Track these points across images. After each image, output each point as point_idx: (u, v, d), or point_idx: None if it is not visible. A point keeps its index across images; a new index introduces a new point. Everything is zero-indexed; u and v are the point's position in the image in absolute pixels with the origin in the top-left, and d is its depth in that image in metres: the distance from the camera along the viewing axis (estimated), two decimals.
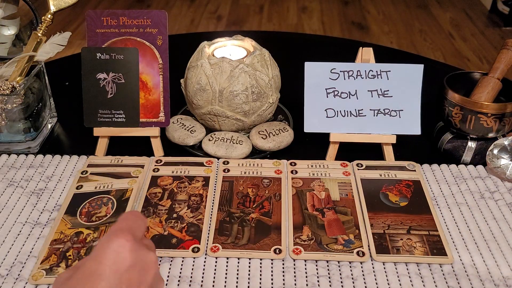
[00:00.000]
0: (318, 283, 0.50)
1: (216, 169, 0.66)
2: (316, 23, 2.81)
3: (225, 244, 0.54)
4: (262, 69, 0.67)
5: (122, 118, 0.67)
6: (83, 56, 0.66)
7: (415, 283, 0.50)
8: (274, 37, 1.22)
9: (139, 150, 0.69)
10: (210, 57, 0.67)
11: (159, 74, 0.67)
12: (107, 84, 0.66)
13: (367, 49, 0.69)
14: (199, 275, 0.51)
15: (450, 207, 0.60)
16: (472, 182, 0.64)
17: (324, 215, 0.58)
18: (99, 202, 0.60)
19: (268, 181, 0.63)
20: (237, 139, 0.69)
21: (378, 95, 0.67)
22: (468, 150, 0.67)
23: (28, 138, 0.69)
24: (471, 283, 0.50)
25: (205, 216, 0.58)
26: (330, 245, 0.54)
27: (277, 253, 0.53)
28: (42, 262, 0.52)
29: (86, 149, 0.70)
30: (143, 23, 0.66)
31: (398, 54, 1.17)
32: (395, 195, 0.61)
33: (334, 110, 0.67)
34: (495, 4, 2.84)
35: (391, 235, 0.55)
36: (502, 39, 2.52)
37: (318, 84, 0.67)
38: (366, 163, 0.67)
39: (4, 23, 0.72)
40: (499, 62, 0.67)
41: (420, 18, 2.87)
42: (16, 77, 0.68)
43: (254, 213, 0.58)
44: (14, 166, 0.67)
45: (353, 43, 1.30)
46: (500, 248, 0.54)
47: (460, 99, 0.65)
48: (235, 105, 0.67)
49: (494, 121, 0.64)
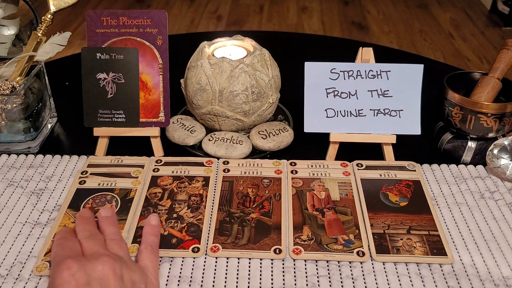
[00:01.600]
0: (318, 283, 0.50)
1: (216, 169, 0.66)
2: (316, 23, 2.81)
3: (225, 244, 0.54)
4: (262, 69, 0.67)
5: (122, 118, 0.67)
6: (83, 56, 0.66)
7: (415, 283, 0.50)
8: (274, 37, 1.22)
9: (139, 150, 0.69)
10: (210, 57, 0.67)
11: (159, 74, 0.67)
12: (107, 84, 0.66)
13: (367, 49, 0.69)
14: (199, 275, 0.51)
15: (450, 207, 0.60)
16: (472, 182, 0.64)
17: (324, 215, 0.58)
18: (103, 199, 0.60)
19: (268, 181, 0.63)
20: (237, 139, 0.69)
21: (378, 95, 0.67)
22: (468, 150, 0.67)
23: (28, 138, 0.69)
24: (471, 283, 0.50)
25: (205, 216, 0.58)
26: (330, 245, 0.54)
27: (277, 253, 0.53)
28: (45, 254, 0.52)
29: (86, 149, 0.70)
30: (143, 23, 0.66)
31: (398, 54, 1.17)
32: (395, 195, 0.61)
33: (334, 110, 0.67)
34: (495, 4, 2.85)
35: (391, 235, 0.55)
36: (502, 39, 2.52)
37: (318, 84, 0.67)
38: (366, 163, 0.67)
39: (4, 23, 0.72)
40: (499, 62, 0.67)
41: (420, 18, 2.87)
42: (16, 77, 0.68)
43: (254, 213, 0.58)
44: (14, 166, 0.67)
45: (353, 43, 1.30)
46: (500, 248, 0.54)
47: (460, 99, 0.65)
48: (235, 105, 0.67)
49: (494, 121, 0.64)
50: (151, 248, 0.50)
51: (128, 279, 0.44)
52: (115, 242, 0.49)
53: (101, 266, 0.43)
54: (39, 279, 0.50)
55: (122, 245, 0.49)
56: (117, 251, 0.47)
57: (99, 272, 0.43)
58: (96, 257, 0.44)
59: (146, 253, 0.50)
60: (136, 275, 0.45)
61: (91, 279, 0.42)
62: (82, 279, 0.42)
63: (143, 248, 0.50)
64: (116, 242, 0.49)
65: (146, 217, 0.57)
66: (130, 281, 0.44)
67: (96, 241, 0.48)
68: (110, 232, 0.50)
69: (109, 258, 0.44)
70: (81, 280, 0.41)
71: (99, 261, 0.43)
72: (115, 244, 0.48)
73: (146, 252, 0.50)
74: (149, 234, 0.52)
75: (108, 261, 0.44)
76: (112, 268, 0.43)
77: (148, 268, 0.48)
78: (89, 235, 0.49)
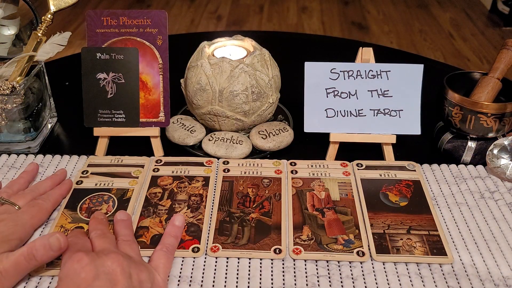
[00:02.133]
0: (318, 283, 0.50)
1: (216, 169, 0.66)
2: (316, 23, 2.81)
3: (225, 244, 0.54)
4: (262, 69, 0.67)
5: (122, 118, 0.67)
6: (83, 56, 0.66)
7: (415, 283, 0.50)
8: (274, 37, 1.22)
9: (139, 150, 0.69)
10: (210, 57, 0.67)
11: (159, 74, 0.67)
12: (107, 84, 0.66)
13: (367, 49, 0.69)
14: (199, 275, 0.51)
15: (450, 207, 0.60)
16: (472, 182, 0.64)
17: (324, 215, 0.58)
18: (100, 199, 0.60)
19: (268, 181, 0.63)
20: (237, 139, 0.69)
21: (378, 95, 0.67)
22: (468, 150, 0.67)
23: (28, 138, 0.69)
24: (471, 283, 0.50)
25: (205, 216, 0.58)
26: (330, 245, 0.54)
27: (277, 253, 0.53)
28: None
29: (86, 149, 0.70)
30: (143, 23, 0.66)
31: (398, 54, 1.17)
32: (395, 195, 0.61)
33: (334, 110, 0.67)
34: (495, 4, 2.85)
35: (391, 235, 0.55)
36: (502, 39, 2.52)
37: (318, 84, 0.67)
38: (366, 163, 0.67)
39: (4, 23, 0.72)
40: (499, 62, 0.67)
41: (420, 18, 2.87)
42: (16, 77, 0.68)
43: (254, 213, 0.58)
44: (14, 166, 0.67)
45: (353, 43, 1.30)
46: (500, 248, 0.54)
47: (460, 99, 0.65)
48: (235, 105, 0.67)
49: (494, 121, 0.64)
50: (166, 250, 0.51)
51: (135, 278, 0.44)
52: (127, 243, 0.50)
53: (110, 262, 0.44)
54: (39, 278, 0.50)
55: (134, 247, 0.50)
56: (128, 251, 0.48)
57: (108, 268, 0.43)
58: (106, 254, 0.45)
59: (160, 254, 0.50)
60: (143, 275, 0.46)
61: (99, 273, 0.43)
62: (91, 272, 0.42)
63: (159, 249, 0.51)
64: (128, 243, 0.50)
65: (146, 217, 0.57)
66: (138, 280, 0.45)
67: (107, 239, 0.49)
68: (123, 234, 0.51)
69: (118, 255, 0.45)
70: (90, 273, 0.42)
71: (109, 257, 0.44)
72: (127, 245, 0.50)
73: (160, 253, 0.50)
74: (169, 235, 0.53)
75: (117, 258, 0.45)
76: (120, 265, 0.44)
77: (158, 269, 0.48)
78: (101, 233, 0.50)
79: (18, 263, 0.46)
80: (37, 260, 0.46)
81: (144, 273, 0.46)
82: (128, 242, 0.50)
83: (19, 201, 0.55)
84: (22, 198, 0.56)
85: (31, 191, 0.58)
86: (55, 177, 0.62)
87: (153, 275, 0.47)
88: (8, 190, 0.57)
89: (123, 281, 0.43)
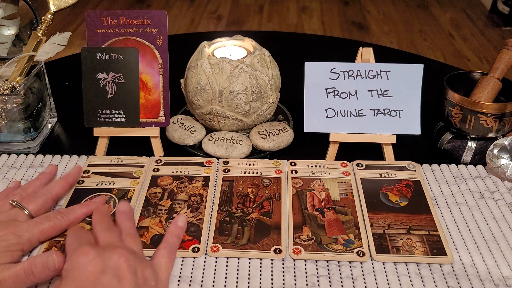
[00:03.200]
0: (318, 283, 0.50)
1: (216, 169, 0.66)
2: (316, 23, 2.81)
3: (225, 244, 0.54)
4: (262, 69, 0.67)
5: (122, 118, 0.67)
6: (83, 56, 0.66)
7: (415, 283, 0.50)
8: (274, 37, 1.22)
9: (139, 150, 0.69)
10: (210, 57, 0.67)
11: (159, 74, 0.67)
12: (107, 84, 0.66)
13: (367, 49, 0.69)
14: (199, 275, 0.51)
15: (450, 207, 0.60)
16: (472, 182, 0.64)
17: (324, 215, 0.58)
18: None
19: (268, 181, 0.63)
20: (237, 139, 0.69)
21: (378, 95, 0.67)
22: (468, 150, 0.67)
23: (28, 138, 0.69)
24: (471, 283, 0.50)
25: (205, 216, 0.58)
26: (330, 245, 0.54)
27: (277, 253, 0.53)
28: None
29: (86, 149, 0.70)
30: (143, 23, 0.66)
31: (398, 54, 1.17)
32: (395, 195, 0.61)
33: (334, 110, 0.67)
34: (495, 4, 2.85)
35: (391, 235, 0.55)
36: (502, 39, 2.52)
37: (318, 84, 0.67)
38: (366, 163, 0.67)
39: (4, 23, 0.72)
40: (499, 62, 0.67)
41: (420, 18, 2.87)
42: (16, 77, 0.68)
43: (254, 213, 0.58)
44: (14, 166, 0.67)
45: (353, 43, 1.30)
46: (500, 248, 0.54)
47: (460, 99, 0.65)
48: (235, 105, 0.67)
49: (494, 121, 0.64)
50: (169, 248, 0.51)
51: (141, 275, 0.44)
52: (130, 236, 0.50)
53: (117, 257, 0.43)
54: None
55: (137, 241, 0.50)
56: (132, 245, 0.48)
57: (114, 262, 0.43)
58: (112, 248, 0.45)
59: (163, 252, 0.50)
60: (148, 272, 0.45)
61: (106, 267, 0.42)
62: (98, 266, 0.42)
63: (162, 247, 0.51)
64: (131, 236, 0.50)
65: (145, 217, 0.57)
66: (143, 277, 0.44)
67: (112, 233, 0.49)
68: (126, 226, 0.51)
69: (125, 250, 0.45)
70: (97, 267, 0.42)
71: (115, 252, 0.44)
72: (131, 238, 0.49)
73: (163, 252, 0.50)
74: (171, 234, 0.53)
75: (123, 253, 0.44)
76: (127, 260, 0.44)
77: (160, 267, 0.48)
78: (106, 227, 0.49)
79: (17, 276, 0.45)
80: (35, 276, 0.45)
81: (149, 270, 0.46)
82: (131, 236, 0.50)
83: (30, 205, 0.54)
84: (33, 202, 0.54)
85: (43, 195, 0.55)
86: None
87: (157, 272, 0.47)
88: (23, 192, 0.56)
89: (129, 277, 0.43)
